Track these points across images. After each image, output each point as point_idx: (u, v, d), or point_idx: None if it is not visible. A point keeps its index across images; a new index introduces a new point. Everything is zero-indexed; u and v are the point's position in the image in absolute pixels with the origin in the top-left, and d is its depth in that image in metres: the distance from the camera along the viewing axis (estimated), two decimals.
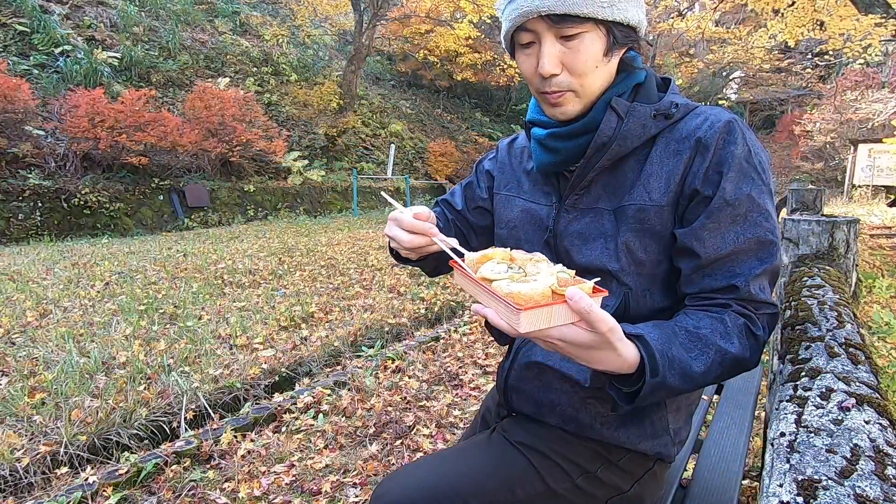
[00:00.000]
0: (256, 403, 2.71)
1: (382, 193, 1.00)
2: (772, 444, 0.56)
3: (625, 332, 0.65)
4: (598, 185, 0.86)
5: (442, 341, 3.69)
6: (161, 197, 10.41)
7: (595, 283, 0.66)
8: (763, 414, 2.13)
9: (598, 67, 0.79)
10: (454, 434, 2.43)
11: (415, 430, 2.45)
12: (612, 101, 0.81)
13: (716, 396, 1.77)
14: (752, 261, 0.77)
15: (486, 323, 1.07)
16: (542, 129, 0.90)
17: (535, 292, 0.63)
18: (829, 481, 0.45)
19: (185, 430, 2.43)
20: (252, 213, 11.67)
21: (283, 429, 2.47)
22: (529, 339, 0.66)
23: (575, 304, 0.59)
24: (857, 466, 0.47)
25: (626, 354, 0.65)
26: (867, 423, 0.55)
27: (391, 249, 0.96)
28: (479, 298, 0.69)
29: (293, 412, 2.61)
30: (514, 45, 0.83)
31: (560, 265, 0.70)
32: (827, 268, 1.29)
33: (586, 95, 0.82)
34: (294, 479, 2.08)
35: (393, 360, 3.26)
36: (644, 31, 0.83)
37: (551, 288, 0.64)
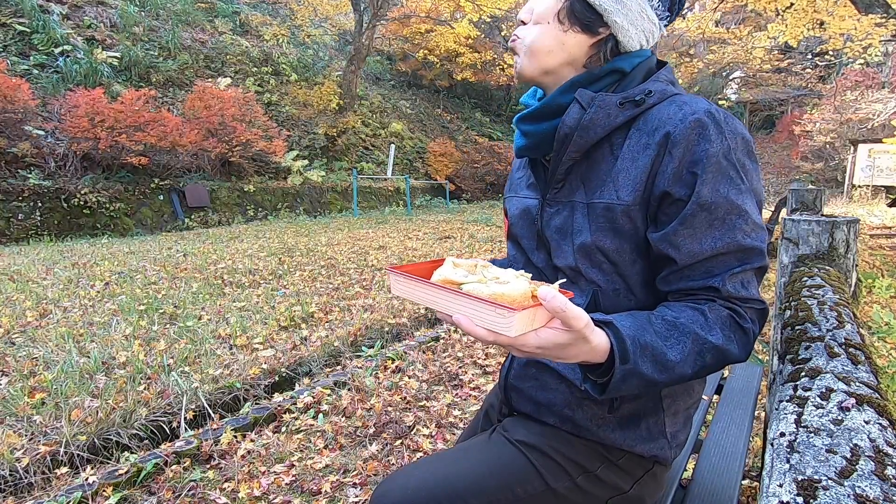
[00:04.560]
0: (256, 403, 2.71)
1: None
2: (772, 444, 0.56)
3: (594, 321, 0.64)
4: (576, 177, 0.85)
5: (442, 341, 3.69)
6: (161, 197, 10.41)
7: (560, 283, 0.64)
8: (763, 414, 2.13)
9: (549, 24, 0.82)
10: (454, 434, 2.43)
11: (415, 430, 2.45)
12: (577, 92, 0.80)
13: (716, 396, 1.77)
14: (731, 262, 0.75)
15: None
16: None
17: (518, 293, 0.60)
18: (829, 481, 0.45)
19: (185, 430, 2.43)
20: (252, 213, 11.67)
21: (283, 429, 2.47)
22: (502, 347, 0.63)
23: (549, 304, 0.57)
24: (857, 466, 0.47)
25: (597, 342, 0.63)
26: (867, 423, 0.55)
27: None
28: (440, 305, 0.63)
29: (293, 412, 2.61)
30: None
31: (521, 270, 0.68)
32: (827, 268, 1.29)
33: (529, 53, 0.84)
34: (294, 479, 2.08)
35: (393, 360, 3.26)
36: (617, 28, 0.81)
37: (531, 290, 0.61)
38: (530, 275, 0.67)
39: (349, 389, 2.85)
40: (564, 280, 0.66)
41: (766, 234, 0.79)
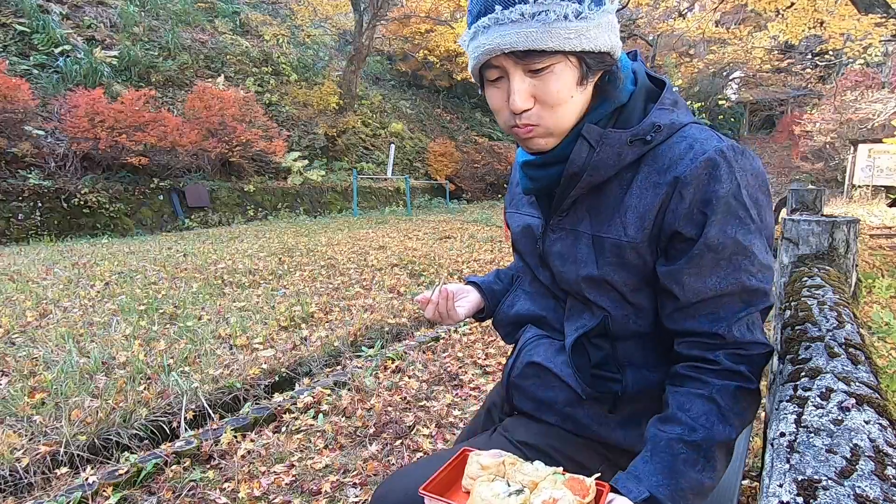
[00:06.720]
0: (256, 403, 2.71)
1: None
2: (772, 444, 0.56)
3: (635, 502, 0.67)
4: (583, 206, 0.85)
5: (442, 341, 3.69)
6: (161, 197, 10.40)
7: (596, 478, 0.66)
8: (763, 414, 2.12)
9: (573, 97, 0.75)
10: (454, 434, 2.42)
11: (415, 430, 2.45)
12: (583, 129, 0.77)
13: None
14: (737, 304, 0.75)
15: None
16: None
17: None
18: (829, 481, 0.45)
19: (185, 430, 2.43)
20: (252, 213, 11.67)
21: (283, 429, 2.47)
22: None
23: None
24: (856, 466, 0.47)
25: None
26: (867, 423, 0.55)
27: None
28: None
29: (293, 412, 2.61)
30: (483, 80, 0.79)
31: (553, 468, 0.69)
32: (827, 268, 1.29)
33: (558, 130, 0.78)
34: (294, 479, 2.08)
35: (393, 360, 3.26)
36: (619, 53, 0.78)
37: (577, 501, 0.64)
38: (562, 468, 0.69)
39: (349, 389, 2.85)
40: (599, 475, 0.69)
41: (773, 274, 0.79)
